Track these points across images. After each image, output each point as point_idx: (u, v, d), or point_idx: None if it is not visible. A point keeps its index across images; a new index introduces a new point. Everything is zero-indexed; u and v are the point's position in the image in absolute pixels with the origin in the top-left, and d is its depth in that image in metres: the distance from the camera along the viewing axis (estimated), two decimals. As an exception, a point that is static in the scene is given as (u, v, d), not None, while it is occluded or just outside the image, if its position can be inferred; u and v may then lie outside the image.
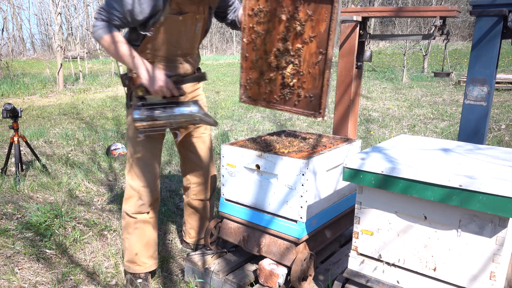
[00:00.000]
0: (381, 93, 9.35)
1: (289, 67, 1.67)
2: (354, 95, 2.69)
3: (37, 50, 29.89)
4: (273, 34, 1.68)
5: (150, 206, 2.05)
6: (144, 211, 2.03)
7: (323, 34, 1.55)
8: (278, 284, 1.88)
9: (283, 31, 1.65)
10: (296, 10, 1.60)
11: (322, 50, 1.57)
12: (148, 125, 1.77)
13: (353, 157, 1.62)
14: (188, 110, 1.79)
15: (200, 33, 1.98)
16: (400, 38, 2.74)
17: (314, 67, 1.61)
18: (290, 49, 1.65)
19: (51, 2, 11.62)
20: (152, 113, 1.76)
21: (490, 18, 2.23)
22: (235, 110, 7.43)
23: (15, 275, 2.18)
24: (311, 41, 1.59)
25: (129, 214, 2.03)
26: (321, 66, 1.59)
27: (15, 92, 10.29)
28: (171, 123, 1.81)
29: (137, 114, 1.76)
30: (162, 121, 1.78)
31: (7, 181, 3.55)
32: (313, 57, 1.60)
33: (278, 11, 1.64)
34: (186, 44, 1.94)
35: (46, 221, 2.72)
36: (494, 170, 1.47)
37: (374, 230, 1.64)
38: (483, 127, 2.38)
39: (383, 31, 25.28)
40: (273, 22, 1.67)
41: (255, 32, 1.73)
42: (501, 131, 5.38)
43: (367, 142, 4.99)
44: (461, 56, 15.53)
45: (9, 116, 3.54)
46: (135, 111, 1.76)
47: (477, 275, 1.42)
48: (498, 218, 1.35)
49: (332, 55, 1.55)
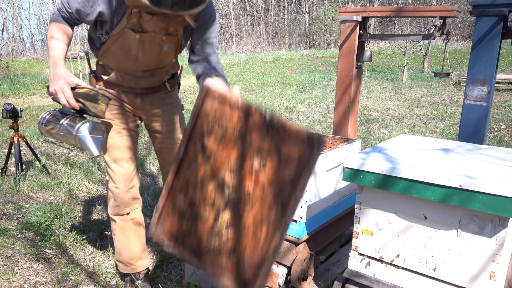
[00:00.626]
0: (381, 93, 9.35)
1: (226, 213, 1.19)
2: (354, 95, 2.69)
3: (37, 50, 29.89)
4: (222, 157, 1.22)
5: (127, 206, 1.92)
6: (122, 212, 1.92)
7: (288, 184, 1.08)
8: (278, 284, 1.88)
9: (236, 160, 1.18)
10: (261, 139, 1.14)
11: (279, 205, 1.09)
12: (45, 130, 1.67)
13: (353, 157, 1.62)
14: (74, 129, 1.60)
15: (172, 51, 1.77)
16: (400, 38, 2.74)
17: (261, 225, 1.12)
18: (236, 188, 1.17)
19: (51, 2, 11.62)
20: (44, 119, 1.65)
21: (490, 18, 2.23)
22: (235, 110, 7.41)
23: (15, 275, 2.18)
24: (269, 187, 1.11)
25: (110, 215, 1.96)
26: (271, 227, 1.09)
27: (15, 92, 10.29)
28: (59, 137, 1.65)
29: (40, 116, 1.67)
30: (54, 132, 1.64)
31: (7, 181, 3.55)
32: (264, 210, 1.12)
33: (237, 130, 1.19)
34: (149, 62, 1.76)
35: (46, 221, 2.72)
36: (494, 170, 1.47)
37: (374, 230, 1.64)
38: (483, 127, 2.39)
39: (383, 31, 25.30)
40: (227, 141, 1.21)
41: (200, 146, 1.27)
42: (501, 131, 5.38)
43: (367, 142, 4.99)
44: (461, 56, 15.53)
45: (9, 116, 3.54)
46: (43, 113, 1.68)
47: (477, 275, 1.42)
48: (498, 218, 1.35)
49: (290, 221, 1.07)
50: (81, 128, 1.59)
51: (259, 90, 10.66)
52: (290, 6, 31.25)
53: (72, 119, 1.63)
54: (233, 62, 20.07)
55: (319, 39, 26.97)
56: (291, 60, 18.94)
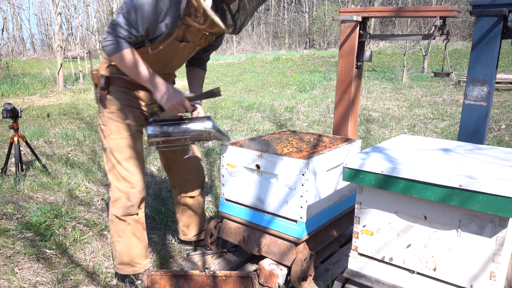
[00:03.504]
0: (381, 93, 9.35)
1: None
2: (354, 95, 2.69)
3: (37, 50, 29.88)
4: None
5: (139, 206, 2.00)
6: (134, 212, 1.98)
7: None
8: (278, 284, 1.88)
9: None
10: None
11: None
12: (162, 140, 1.78)
13: (353, 157, 1.62)
14: (202, 126, 1.81)
15: (193, 54, 1.98)
16: (400, 38, 2.74)
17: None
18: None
19: (51, 2, 11.61)
20: (166, 129, 1.78)
21: (490, 18, 2.23)
22: (235, 110, 7.43)
23: (15, 275, 2.18)
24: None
25: (118, 217, 1.97)
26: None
27: (15, 92, 10.29)
28: (185, 139, 1.82)
29: (151, 130, 1.77)
30: (176, 137, 1.80)
31: (7, 181, 3.55)
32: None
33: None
34: (175, 66, 1.97)
35: (46, 221, 2.72)
36: (494, 170, 1.47)
37: (374, 230, 1.64)
38: (483, 127, 2.39)
39: (383, 31, 25.29)
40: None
41: None
42: (501, 131, 5.38)
43: (367, 142, 4.99)
44: (461, 56, 15.53)
45: (9, 116, 3.54)
46: (148, 127, 1.78)
47: (477, 275, 1.42)
48: (498, 218, 1.35)
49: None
50: (210, 124, 1.82)
51: (259, 90, 10.66)
52: (290, 6, 31.26)
53: (188, 121, 1.82)
54: (233, 62, 20.07)
55: (319, 39, 26.97)
56: (291, 60, 18.95)
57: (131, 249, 2.02)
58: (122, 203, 1.95)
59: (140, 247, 2.05)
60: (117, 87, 1.89)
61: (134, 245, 2.03)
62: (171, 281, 1.82)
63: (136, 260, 2.05)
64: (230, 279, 1.86)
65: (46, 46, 30.47)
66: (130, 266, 2.05)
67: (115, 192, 1.95)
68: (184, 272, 1.86)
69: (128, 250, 2.02)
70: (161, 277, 1.83)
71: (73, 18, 19.13)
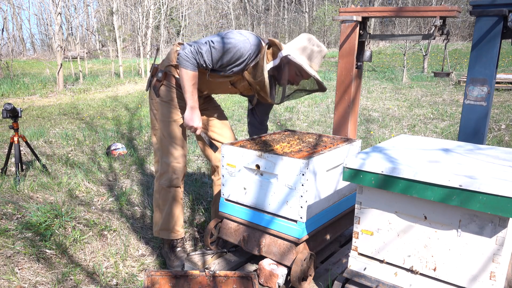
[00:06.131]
0: (381, 93, 9.35)
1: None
2: (354, 95, 2.69)
3: (37, 50, 29.87)
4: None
5: (182, 180, 2.30)
6: (178, 184, 2.27)
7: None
8: (278, 284, 1.88)
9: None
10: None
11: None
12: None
13: (353, 157, 1.62)
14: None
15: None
16: (400, 38, 2.74)
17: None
18: None
19: (51, 2, 11.61)
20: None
21: (490, 18, 2.23)
22: (235, 110, 7.43)
23: (15, 275, 2.18)
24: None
25: (164, 187, 2.26)
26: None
27: (15, 92, 10.29)
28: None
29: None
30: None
31: (7, 181, 3.55)
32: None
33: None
34: (215, 92, 2.39)
35: (46, 221, 2.72)
36: (494, 170, 1.47)
37: (374, 230, 1.64)
38: (483, 127, 2.39)
39: (383, 31, 25.28)
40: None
41: None
42: (501, 131, 5.38)
43: (367, 142, 4.99)
44: (461, 56, 15.54)
45: (9, 116, 3.54)
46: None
47: (477, 275, 1.42)
48: (498, 218, 1.35)
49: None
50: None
51: (259, 90, 10.64)
52: (290, 6, 31.25)
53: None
54: (233, 62, 20.00)
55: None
56: (291, 60, 18.88)
57: (173, 216, 2.29)
58: (168, 176, 2.24)
59: (180, 216, 2.32)
60: (170, 82, 2.22)
61: (175, 213, 2.29)
62: (171, 281, 1.82)
63: (176, 228, 2.31)
64: (230, 279, 1.86)
65: (46, 46, 30.46)
66: (171, 232, 2.30)
67: (163, 166, 2.26)
68: (184, 272, 1.87)
69: (171, 217, 2.29)
70: (161, 277, 1.83)
71: (73, 18, 19.13)
